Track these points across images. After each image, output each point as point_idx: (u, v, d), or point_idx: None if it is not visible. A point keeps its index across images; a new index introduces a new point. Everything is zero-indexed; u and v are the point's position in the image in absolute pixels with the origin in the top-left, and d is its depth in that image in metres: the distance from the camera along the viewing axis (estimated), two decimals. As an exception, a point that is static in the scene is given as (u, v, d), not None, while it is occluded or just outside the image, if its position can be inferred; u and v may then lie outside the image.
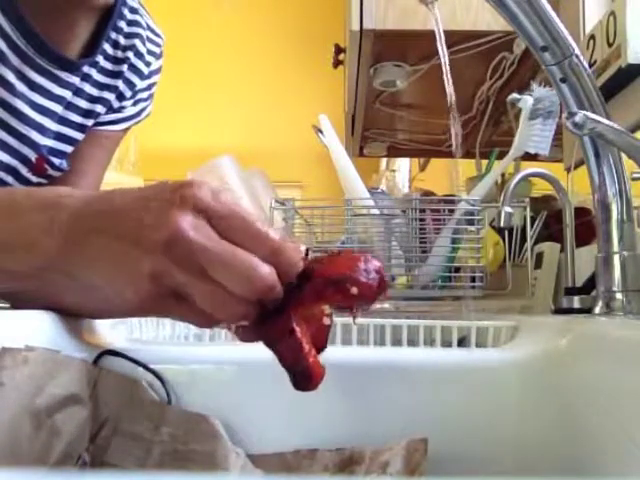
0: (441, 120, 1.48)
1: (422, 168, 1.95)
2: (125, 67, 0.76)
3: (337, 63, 1.64)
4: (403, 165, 2.33)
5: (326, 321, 0.34)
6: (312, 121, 1.01)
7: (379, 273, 0.33)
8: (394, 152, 1.86)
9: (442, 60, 0.87)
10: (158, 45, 0.81)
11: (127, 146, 3.48)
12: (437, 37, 0.92)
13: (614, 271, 0.53)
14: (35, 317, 0.38)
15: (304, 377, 0.33)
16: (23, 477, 0.16)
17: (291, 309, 0.33)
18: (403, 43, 1.16)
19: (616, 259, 0.53)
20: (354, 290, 0.32)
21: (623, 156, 0.53)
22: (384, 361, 0.47)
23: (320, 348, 0.35)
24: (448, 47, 0.94)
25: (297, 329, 0.32)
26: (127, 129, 0.83)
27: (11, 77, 0.65)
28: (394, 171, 2.36)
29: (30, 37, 0.65)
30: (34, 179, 0.73)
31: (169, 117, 3.26)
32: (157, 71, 0.83)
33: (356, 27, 1.07)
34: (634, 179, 0.59)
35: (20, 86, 0.66)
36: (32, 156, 0.70)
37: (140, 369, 0.41)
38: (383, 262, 0.87)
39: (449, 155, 1.65)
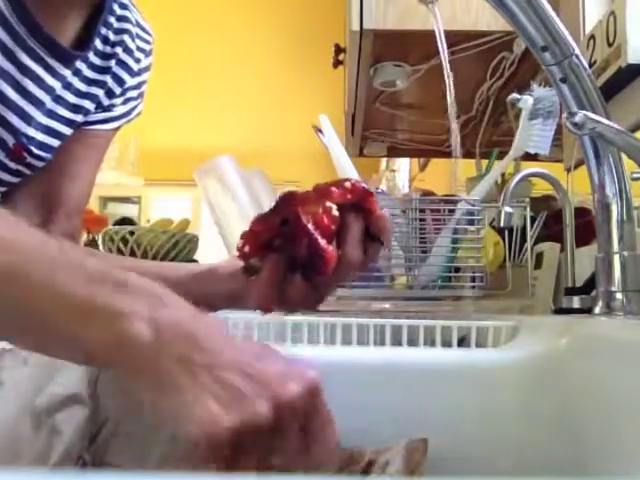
0: (441, 120, 1.48)
1: (422, 168, 1.95)
2: (113, 62, 0.75)
3: (337, 63, 1.64)
4: (403, 165, 2.34)
5: (335, 212, 0.42)
6: (312, 121, 1.01)
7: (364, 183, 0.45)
8: (394, 152, 1.86)
9: (442, 60, 0.87)
10: (147, 42, 0.81)
11: (127, 146, 3.49)
12: (437, 37, 0.92)
13: (614, 271, 0.53)
14: (35, 317, 0.38)
15: (318, 260, 0.40)
16: (23, 477, 0.16)
17: (298, 208, 0.41)
18: (403, 43, 1.16)
19: (616, 259, 0.53)
20: (347, 184, 0.43)
21: (623, 156, 0.53)
22: (384, 361, 0.47)
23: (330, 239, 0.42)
24: (448, 47, 0.94)
25: (303, 217, 0.40)
26: (118, 128, 0.83)
27: None
28: (394, 171, 2.36)
29: (25, 18, 0.63)
30: (12, 165, 0.72)
31: (169, 117, 3.26)
32: (147, 69, 0.82)
33: (356, 27, 1.07)
34: (634, 179, 0.59)
35: (7, 66, 0.64)
36: (10, 142, 0.69)
37: (140, 369, 0.41)
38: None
39: (449, 155, 1.64)
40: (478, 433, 0.44)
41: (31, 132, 0.70)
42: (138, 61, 0.79)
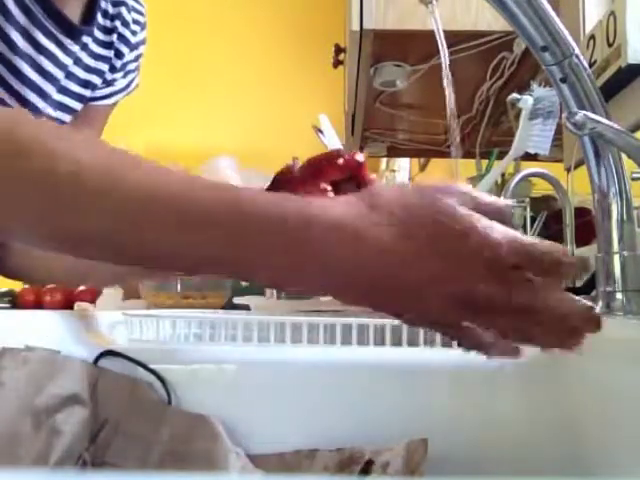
0: (441, 120, 1.48)
1: (422, 168, 1.95)
2: (115, 37, 0.77)
3: (337, 63, 1.64)
4: (403, 165, 2.33)
5: (330, 194, 0.42)
6: (312, 121, 1.00)
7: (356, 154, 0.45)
8: (394, 152, 1.85)
9: (442, 60, 0.87)
10: (141, 14, 0.83)
11: (128, 146, 3.48)
12: (437, 37, 0.92)
13: (614, 271, 0.53)
14: (35, 317, 0.38)
15: None
16: (23, 477, 0.16)
17: (296, 188, 0.42)
18: (403, 43, 1.16)
19: (616, 259, 0.53)
20: (340, 161, 0.43)
21: (623, 156, 0.53)
22: (384, 361, 0.47)
23: None
24: (448, 47, 0.94)
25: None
26: (116, 103, 0.84)
27: (14, 35, 0.64)
28: (394, 171, 2.36)
29: None
30: None
31: (169, 116, 3.26)
32: (143, 42, 0.84)
33: (356, 27, 1.07)
34: (634, 179, 0.59)
35: (24, 45, 0.66)
36: None
37: (140, 369, 0.41)
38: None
39: (449, 155, 1.64)
40: (478, 433, 0.44)
41: (47, 109, 0.71)
42: (134, 34, 0.81)
